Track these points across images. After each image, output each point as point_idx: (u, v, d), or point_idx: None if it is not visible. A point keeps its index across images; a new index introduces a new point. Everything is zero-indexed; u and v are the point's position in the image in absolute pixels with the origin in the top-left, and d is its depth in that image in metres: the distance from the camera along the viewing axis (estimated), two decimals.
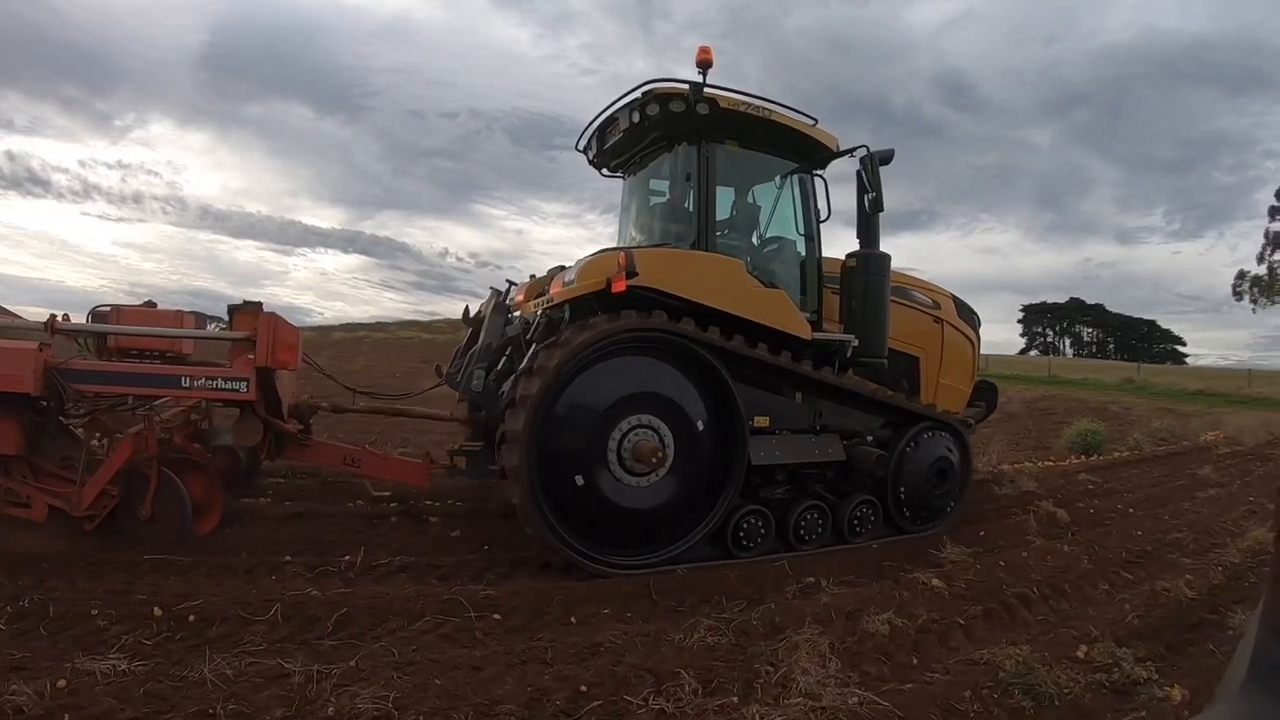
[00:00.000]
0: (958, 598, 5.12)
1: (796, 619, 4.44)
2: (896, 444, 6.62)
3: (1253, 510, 8.38)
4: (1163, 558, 6.36)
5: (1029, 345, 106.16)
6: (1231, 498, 9.29)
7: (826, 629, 4.32)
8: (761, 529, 5.91)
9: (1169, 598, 5.17)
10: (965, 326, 7.64)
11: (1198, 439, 16.43)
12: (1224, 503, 8.93)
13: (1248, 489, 9.94)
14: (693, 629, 4.26)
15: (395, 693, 3.30)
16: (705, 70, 5.84)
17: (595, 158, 7.04)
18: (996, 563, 5.91)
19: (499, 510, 6.38)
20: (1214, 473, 11.01)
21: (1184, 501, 8.89)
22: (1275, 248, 46.38)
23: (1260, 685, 1.31)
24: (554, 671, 3.68)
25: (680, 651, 4.02)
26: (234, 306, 5.65)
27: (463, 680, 3.50)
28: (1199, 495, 9.37)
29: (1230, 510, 8.36)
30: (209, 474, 5.72)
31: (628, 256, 5.30)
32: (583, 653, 3.98)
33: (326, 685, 3.34)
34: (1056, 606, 5.18)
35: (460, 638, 4.13)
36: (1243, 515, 8.06)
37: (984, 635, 4.60)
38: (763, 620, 4.49)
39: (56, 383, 5.03)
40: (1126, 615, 4.82)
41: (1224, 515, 8.03)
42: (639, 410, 5.39)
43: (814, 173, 6.71)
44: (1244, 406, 26.22)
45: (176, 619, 4.05)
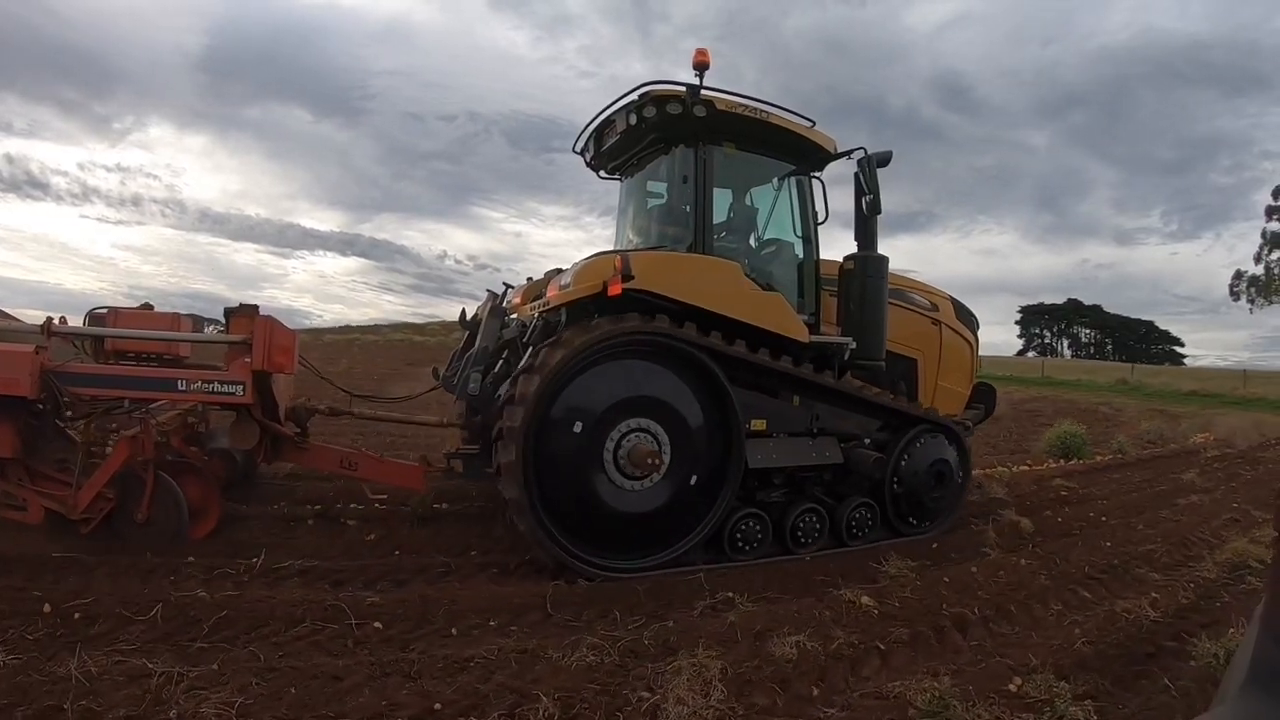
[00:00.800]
0: (886, 618, 4.71)
1: (695, 639, 4.13)
2: (894, 447, 6.61)
3: (1235, 519, 7.98)
4: (1129, 573, 5.93)
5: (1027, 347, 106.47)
6: (1215, 505, 8.89)
7: (726, 651, 4.03)
8: (759, 532, 5.90)
9: (1128, 620, 4.76)
10: (963, 329, 7.64)
11: (1186, 441, 16.11)
12: (1206, 510, 8.50)
13: (1233, 495, 9.60)
14: (574, 647, 3.99)
15: (245, 699, 3.27)
16: (702, 72, 5.83)
17: (593, 160, 7.04)
18: (941, 578, 5.53)
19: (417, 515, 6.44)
20: (1199, 477, 10.68)
21: (1163, 509, 8.53)
22: (1272, 248, 46.50)
23: (1260, 687, 1.31)
24: (415, 686, 3.56)
25: (556, 671, 3.76)
26: (230, 309, 5.64)
27: (318, 690, 3.44)
28: (1180, 502, 9.00)
29: (1212, 519, 7.97)
30: (205, 477, 5.72)
31: (623, 260, 5.29)
32: (451, 667, 3.80)
33: (180, 687, 3.33)
34: (997, 630, 4.76)
35: (332, 646, 4.04)
36: (1224, 524, 7.70)
37: (904, 663, 4.18)
38: (656, 639, 4.19)
39: (53, 386, 5.02)
40: (1075, 641, 4.37)
41: (1204, 524, 7.66)
42: (636, 414, 5.38)
43: (811, 175, 6.71)
44: (1239, 408, 26.15)
45: (64, 616, 4.06)
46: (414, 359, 22.88)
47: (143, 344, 6.02)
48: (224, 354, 5.69)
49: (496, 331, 6.49)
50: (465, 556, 5.71)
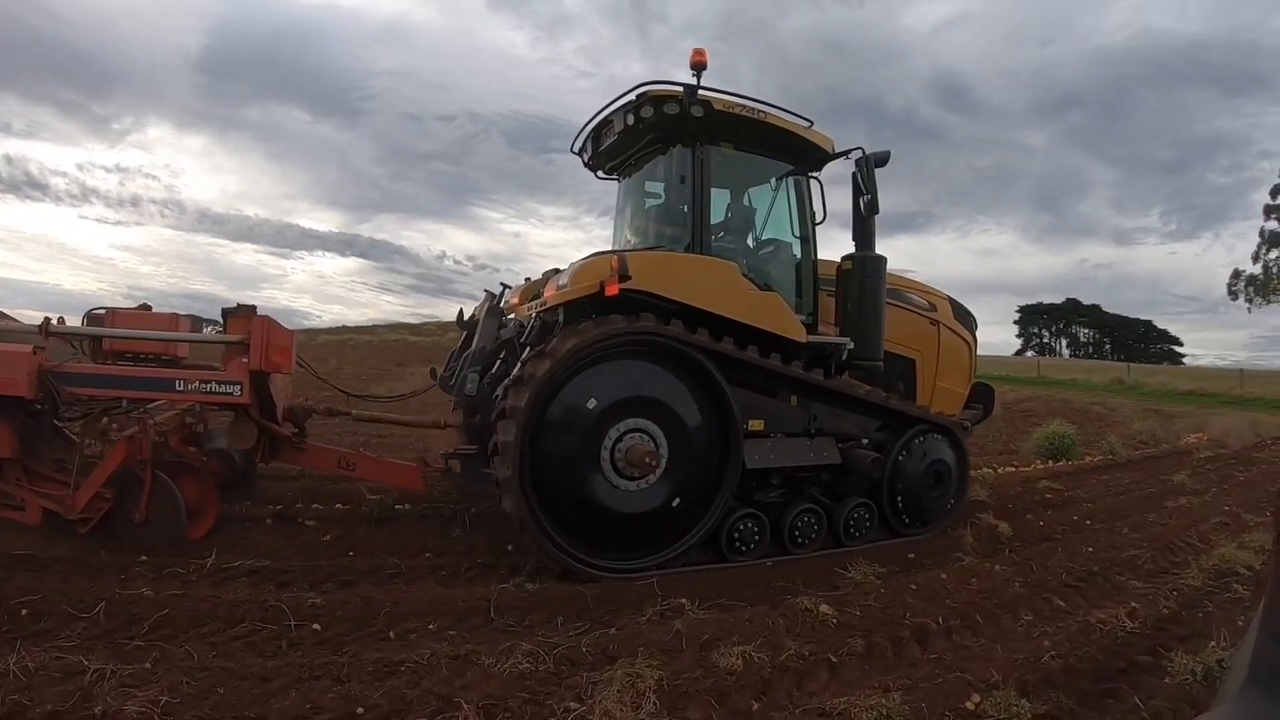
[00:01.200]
0: (844, 628, 4.46)
1: (636, 647, 3.96)
2: (892, 447, 6.61)
3: (1225, 523, 7.70)
4: (1109, 580, 5.69)
5: (1025, 346, 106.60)
6: (1205, 507, 8.60)
7: (669, 661, 3.85)
8: (756, 533, 5.90)
9: (1102, 632, 4.47)
10: (961, 329, 7.65)
11: (1179, 442, 15.87)
12: (1195, 513, 8.21)
13: (1224, 497, 9.31)
14: (509, 653, 3.83)
15: (172, 697, 3.23)
16: (700, 72, 5.85)
17: (590, 160, 7.04)
18: (907, 585, 5.27)
19: (375, 516, 6.36)
20: (1190, 479, 10.40)
21: (1150, 512, 8.26)
22: (1270, 247, 46.46)
23: (1260, 688, 1.30)
24: (342, 690, 3.47)
25: (487, 678, 3.63)
26: (227, 310, 5.64)
27: (246, 691, 3.40)
28: (1168, 505, 8.75)
29: (1200, 523, 7.68)
30: (203, 477, 5.72)
31: (621, 260, 5.29)
32: (381, 671, 3.72)
33: (111, 684, 3.31)
34: (960, 641, 4.47)
35: (266, 647, 3.99)
36: (1213, 528, 7.42)
37: (855, 677, 3.91)
38: (595, 647, 4.02)
39: (50, 386, 5.02)
40: (1043, 654, 4.09)
41: (1192, 528, 7.38)
42: (633, 415, 5.38)
43: (809, 175, 6.72)
44: (1235, 407, 25.88)
45: (10, 612, 4.07)
46: (405, 359, 22.84)
47: (140, 344, 6.02)
48: (221, 354, 5.70)
49: (494, 331, 6.49)
50: (418, 559, 5.65)
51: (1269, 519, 7.57)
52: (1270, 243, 46.32)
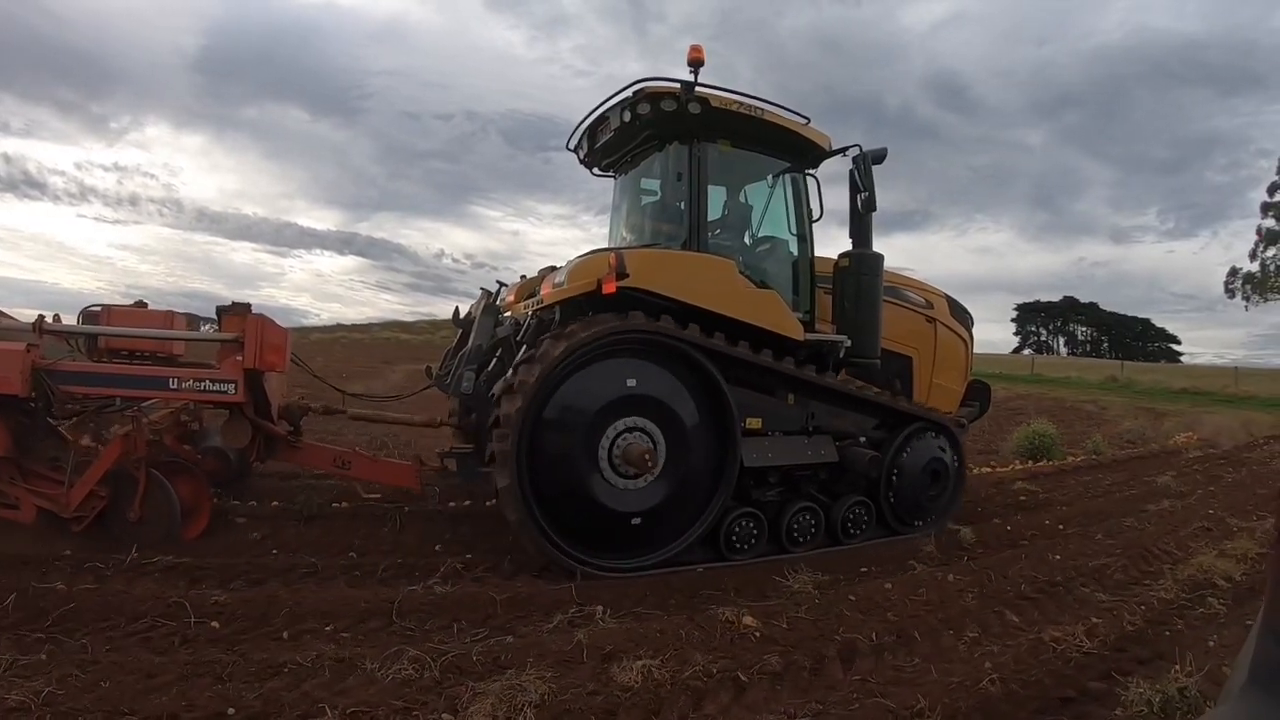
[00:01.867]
0: (765, 643, 4.14)
1: (529, 657, 3.78)
2: (889, 445, 6.59)
3: (1207, 528, 7.33)
4: (1072, 592, 5.32)
5: (1022, 344, 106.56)
6: (1187, 511, 8.24)
7: (564, 673, 3.65)
8: (754, 531, 5.89)
9: (1054, 652, 4.11)
10: (958, 326, 7.64)
11: (1168, 441, 15.52)
12: (1177, 518, 7.83)
13: (1209, 500, 8.94)
14: (396, 658, 3.71)
15: (56, 689, 3.24)
16: (697, 69, 5.82)
17: (586, 157, 7.01)
18: (846, 596, 4.96)
19: (305, 514, 6.24)
20: (1175, 480, 10.02)
21: (1128, 517, 7.85)
22: (1268, 244, 46.42)
23: (1261, 688, 1.29)
24: (221, 689, 3.41)
25: (367, 684, 3.53)
26: (222, 308, 5.63)
27: (130, 686, 3.37)
28: (1149, 508, 8.37)
29: (1181, 528, 7.29)
30: (198, 476, 5.70)
31: (618, 257, 5.28)
32: (264, 672, 3.61)
33: (1, 675, 3.35)
34: (891, 661, 4.09)
35: (162, 642, 3.96)
36: (1194, 534, 7.05)
37: (761, 699, 3.61)
38: (488, 655, 3.83)
39: (44, 384, 5.01)
40: (983, 677, 3.71)
41: (1172, 534, 7.01)
42: (630, 413, 5.36)
43: (806, 172, 6.69)
44: (1229, 406, 25.80)
45: None
46: (392, 357, 22.72)
47: (136, 342, 6.01)
48: (216, 353, 5.69)
49: (490, 330, 6.47)
50: (339, 558, 5.53)
51: (1255, 524, 7.36)
52: (1268, 240, 46.29)
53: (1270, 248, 46.17)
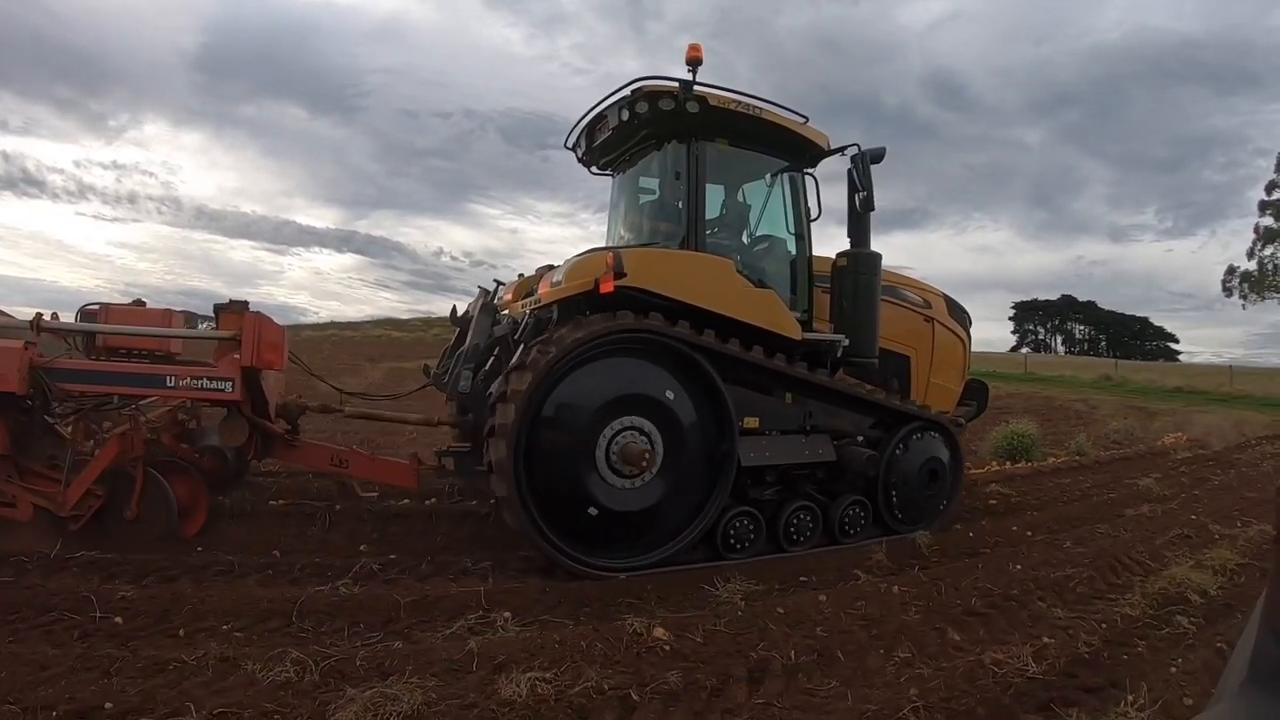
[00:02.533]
0: (672, 658, 3.86)
1: (416, 663, 3.65)
2: (887, 444, 6.59)
3: (1186, 536, 6.82)
4: (1028, 607, 4.90)
5: (1020, 343, 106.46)
6: (1167, 516, 7.68)
7: (447, 683, 3.50)
8: (752, 530, 5.88)
9: (993, 677, 3.73)
10: (956, 325, 7.65)
11: (1157, 441, 14.71)
12: (1155, 524, 7.28)
13: (1193, 505, 8.42)
14: (279, 659, 3.59)
15: None
16: (695, 68, 5.82)
17: (584, 155, 7.01)
18: (774, 608, 4.61)
19: (238, 511, 6.16)
20: (1158, 483, 9.54)
21: (1103, 523, 7.33)
22: (1266, 243, 46.30)
23: (1259, 686, 1.26)
24: (105, 684, 3.37)
25: (246, 684, 3.43)
26: (220, 306, 5.62)
27: (21, 678, 3.37)
28: (1127, 514, 7.80)
29: (1158, 536, 6.80)
30: (195, 475, 5.70)
31: (615, 257, 5.27)
32: (150, 669, 3.55)
33: None
34: (804, 684, 3.75)
35: (62, 636, 3.98)
36: (1171, 543, 6.58)
37: None
38: (373, 660, 3.70)
39: (42, 382, 5.00)
40: (904, 705, 3.37)
41: (1147, 542, 6.55)
42: (628, 412, 5.35)
43: (804, 171, 6.70)
44: (1223, 405, 25.24)
45: None
46: (379, 354, 22.61)
47: (134, 340, 6.00)
48: (213, 350, 5.68)
49: (488, 329, 6.46)
50: (261, 556, 5.45)
51: (1239, 530, 7.01)
52: (1265, 239, 46.15)
53: (1268, 246, 46.02)
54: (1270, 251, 46.04)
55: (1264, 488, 9.68)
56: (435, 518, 6.06)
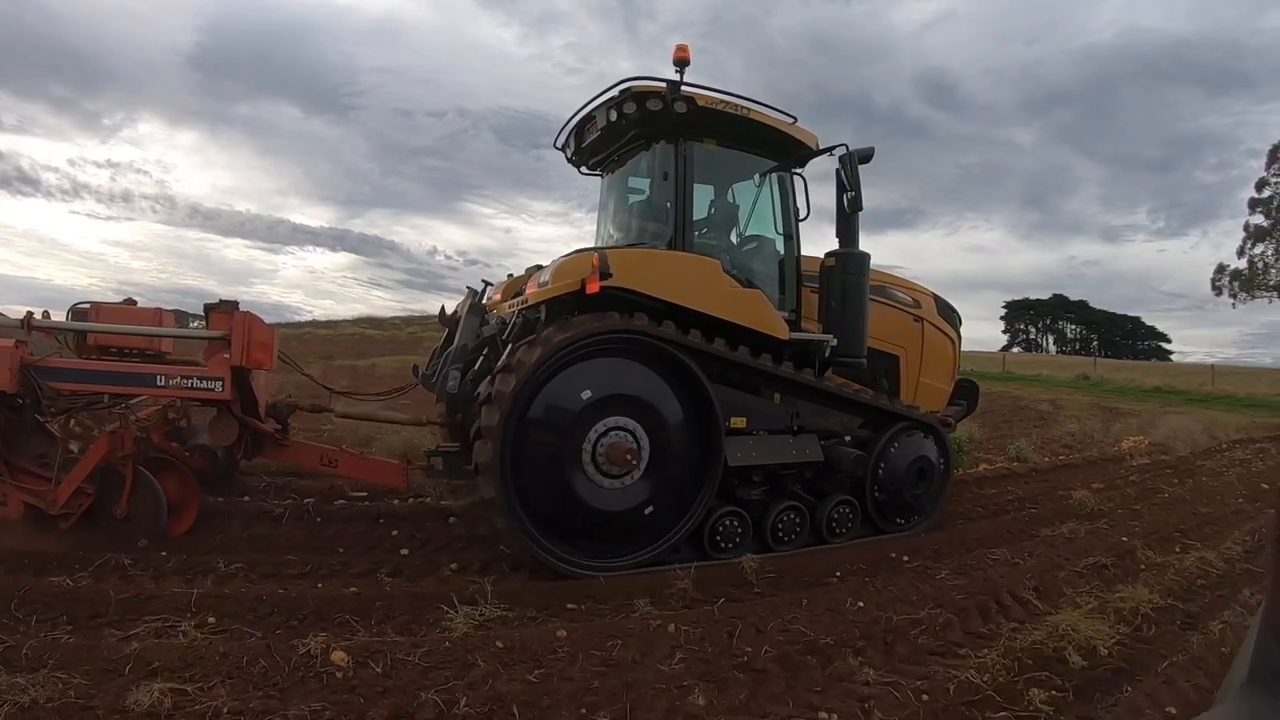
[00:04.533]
0: (330, 688, 3.47)
1: (72, 659, 3.48)
2: (875, 444, 6.62)
3: (1104, 565, 5.77)
4: (833, 663, 3.96)
5: (1011, 342, 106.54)
6: (1091, 538, 6.61)
7: (91, 683, 3.32)
8: (739, 530, 5.91)
9: None
10: (946, 325, 7.66)
11: (1115, 446, 13.56)
12: (1071, 549, 6.26)
13: (1130, 522, 7.35)
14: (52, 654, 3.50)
15: None
16: (683, 69, 5.84)
17: (573, 155, 7.02)
18: (495, 641, 3.99)
19: None
20: (1097, 495, 8.34)
21: (1004, 546, 6.38)
22: (1256, 241, 46.33)
23: (1260, 686, 1.31)
24: None
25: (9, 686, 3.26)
26: (210, 305, 5.64)
27: None
28: (1043, 533, 6.85)
29: (1068, 564, 5.78)
30: (185, 473, 5.71)
31: (601, 258, 5.30)
32: (5, 655, 3.51)
33: None
34: None
35: None
36: (1078, 575, 5.54)
37: None
38: (38, 651, 3.57)
39: (32, 380, 5.02)
40: None
41: (1047, 574, 5.52)
42: (614, 412, 5.38)
43: (793, 171, 6.71)
44: (1202, 405, 24.60)
45: None
46: (336, 353, 22.24)
47: (124, 339, 6.01)
48: (203, 350, 5.70)
49: (476, 329, 6.48)
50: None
51: (1176, 558, 6.01)
52: (1255, 237, 46.18)
53: (1258, 244, 46.08)
54: (1260, 250, 46.10)
55: (1222, 502, 8.68)
56: (230, 517, 5.88)
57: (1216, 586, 5.58)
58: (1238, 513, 8.18)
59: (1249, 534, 6.88)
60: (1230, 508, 8.38)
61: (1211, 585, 5.58)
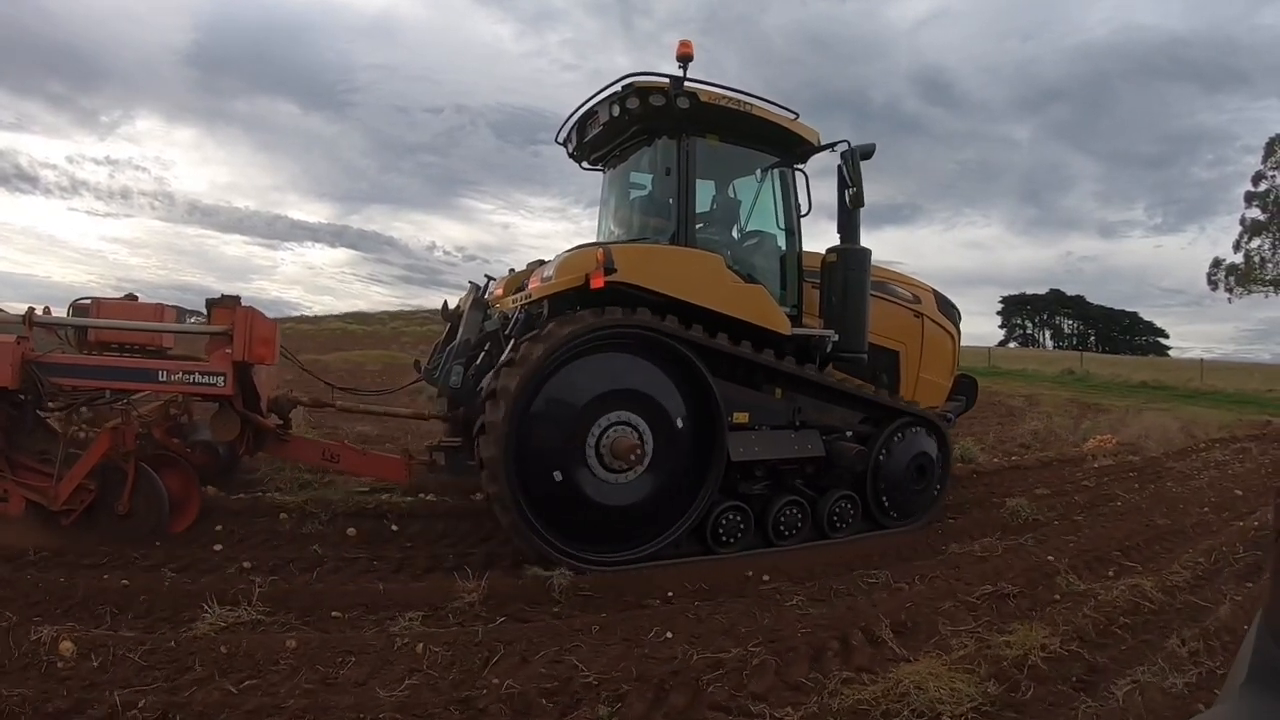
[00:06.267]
0: (47, 679, 3.35)
1: None
2: (876, 439, 6.63)
3: (1005, 595, 4.84)
4: (574, 709, 3.36)
5: (1008, 337, 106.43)
6: (1009, 556, 5.76)
7: None
8: (741, 525, 5.93)
9: None
10: (945, 321, 7.68)
11: (1081, 445, 12.43)
12: (979, 570, 5.41)
13: (1060, 539, 6.29)
14: None
15: None
16: (685, 64, 5.83)
17: (575, 150, 7.01)
18: (219, 646, 3.76)
19: None
20: (1035, 504, 7.40)
21: (894, 565, 5.64)
22: (1252, 235, 46.23)
23: (1259, 686, 1.32)
24: None
25: None
26: (211, 300, 5.63)
27: None
28: (951, 550, 6.09)
29: (963, 591, 4.89)
30: (186, 469, 5.71)
31: (605, 253, 5.30)
32: None
33: None
34: None
35: None
36: (972, 605, 4.69)
37: None
38: None
39: (34, 376, 5.01)
40: None
41: (929, 603, 4.69)
42: (618, 407, 5.39)
43: (795, 167, 6.72)
44: (1188, 402, 23.58)
45: None
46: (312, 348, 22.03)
47: (125, 335, 6.01)
48: (205, 345, 5.69)
49: (478, 324, 6.49)
50: None
51: (1105, 585, 5.12)
52: (1252, 230, 46.08)
53: (1254, 238, 45.98)
54: (1257, 244, 46.01)
55: (1184, 512, 7.59)
56: None
57: (1143, 627, 4.49)
58: (1199, 525, 7.12)
59: (1205, 554, 5.87)
60: (1191, 519, 7.32)
61: (1137, 625, 4.49)
